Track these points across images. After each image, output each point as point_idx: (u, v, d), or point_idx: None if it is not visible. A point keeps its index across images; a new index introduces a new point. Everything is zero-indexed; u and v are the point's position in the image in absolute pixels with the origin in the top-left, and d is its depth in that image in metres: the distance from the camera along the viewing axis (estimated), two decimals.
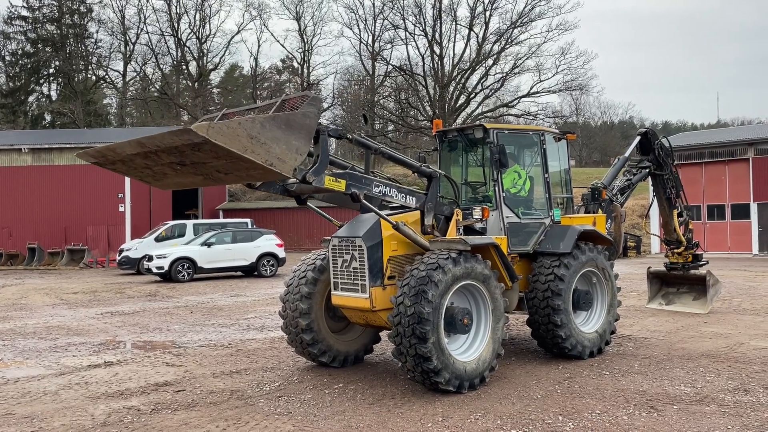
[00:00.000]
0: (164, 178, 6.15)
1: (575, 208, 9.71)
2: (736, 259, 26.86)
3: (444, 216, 7.78)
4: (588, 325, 8.70)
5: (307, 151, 5.84)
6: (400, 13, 48.32)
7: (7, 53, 56.90)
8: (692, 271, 12.52)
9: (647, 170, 11.93)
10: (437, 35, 47.78)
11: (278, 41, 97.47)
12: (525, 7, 45.29)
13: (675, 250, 12.48)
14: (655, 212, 15.41)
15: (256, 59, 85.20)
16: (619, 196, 11.03)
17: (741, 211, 29.16)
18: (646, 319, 11.68)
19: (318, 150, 6.33)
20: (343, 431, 5.85)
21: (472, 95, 48.46)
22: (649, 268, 13.29)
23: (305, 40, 57.81)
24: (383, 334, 8.66)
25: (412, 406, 6.56)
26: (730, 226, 29.51)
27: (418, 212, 7.54)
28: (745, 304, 13.49)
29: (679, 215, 12.39)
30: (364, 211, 7.92)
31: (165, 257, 21.37)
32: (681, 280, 12.77)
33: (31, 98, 59.78)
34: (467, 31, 47.43)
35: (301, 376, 7.92)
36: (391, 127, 54.30)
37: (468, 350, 7.20)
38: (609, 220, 10.10)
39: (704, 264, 12.65)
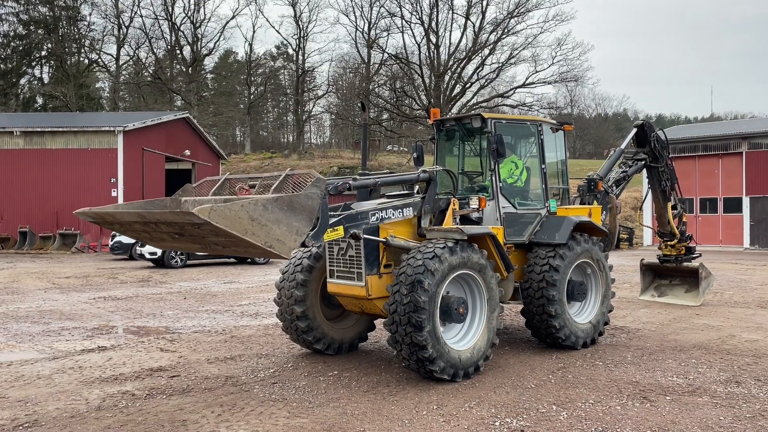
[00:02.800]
0: (162, 242, 6.30)
1: (571, 199, 9.73)
2: (728, 252, 27.05)
3: (441, 210, 7.79)
4: (582, 315, 8.74)
5: (308, 232, 5.83)
6: (396, 0, 48.08)
7: None
8: (685, 264, 12.59)
9: (643, 162, 11.97)
10: (434, 24, 47.61)
11: (273, 27, 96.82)
12: None
13: (668, 243, 12.55)
14: (648, 204, 15.46)
15: (250, 45, 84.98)
16: (614, 187, 11.06)
17: (733, 205, 29.34)
18: (638, 310, 11.75)
19: (318, 213, 6.22)
20: (338, 418, 5.86)
21: (468, 85, 48.39)
22: (642, 260, 13.35)
23: (300, 26, 57.62)
24: (378, 322, 8.68)
25: (406, 394, 6.58)
26: (722, 219, 29.69)
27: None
28: (737, 296, 13.60)
29: (674, 208, 12.45)
30: (360, 198, 7.92)
31: None
32: (674, 272, 12.85)
33: (22, 81, 59.28)
34: (464, 20, 47.30)
35: (296, 363, 7.93)
36: (385, 116, 54.13)
37: (463, 339, 7.22)
38: (605, 212, 10.13)
39: (697, 257, 12.74)
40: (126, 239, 24.54)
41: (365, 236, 6.93)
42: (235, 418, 5.91)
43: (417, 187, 8.12)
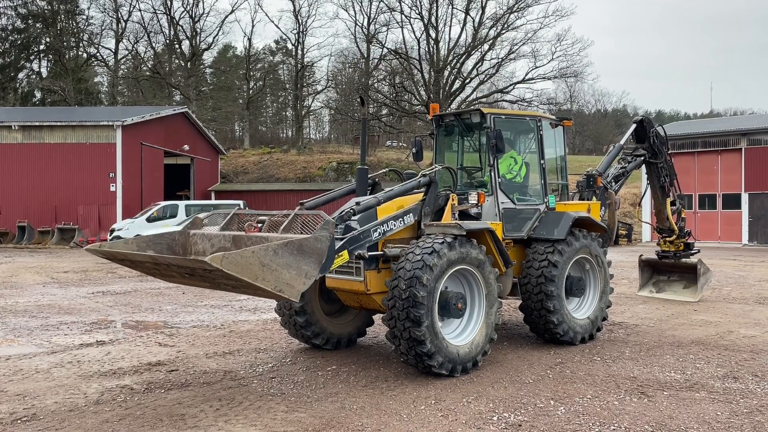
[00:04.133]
0: (172, 278, 6.39)
1: (570, 195, 9.73)
2: (726, 248, 27.08)
3: (440, 207, 7.79)
4: (580, 311, 8.75)
5: (316, 275, 5.84)
6: None
7: None
8: (683, 260, 12.61)
9: (642, 158, 11.96)
10: (433, 19, 47.46)
11: (272, 21, 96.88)
12: None
13: (667, 239, 12.55)
14: (647, 200, 15.48)
15: (249, 39, 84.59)
16: (613, 183, 11.05)
17: (732, 201, 29.36)
18: (637, 306, 11.77)
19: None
20: (336, 413, 5.87)
21: (467, 80, 48.27)
22: (640, 256, 13.37)
23: (300, 21, 57.37)
24: (377, 317, 8.69)
25: (405, 388, 6.59)
26: (721, 215, 29.72)
27: (416, 196, 7.58)
28: (735, 293, 13.62)
29: (672, 204, 12.45)
30: (359, 194, 7.92)
31: None
32: (672, 268, 12.87)
33: (21, 75, 59.12)
34: (463, 15, 47.14)
35: (294, 358, 7.94)
36: (385, 111, 54.06)
37: (461, 334, 7.23)
38: (603, 208, 10.13)
39: (695, 253, 12.74)
40: (125, 234, 24.53)
41: (367, 255, 6.91)
42: (233, 412, 5.92)
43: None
